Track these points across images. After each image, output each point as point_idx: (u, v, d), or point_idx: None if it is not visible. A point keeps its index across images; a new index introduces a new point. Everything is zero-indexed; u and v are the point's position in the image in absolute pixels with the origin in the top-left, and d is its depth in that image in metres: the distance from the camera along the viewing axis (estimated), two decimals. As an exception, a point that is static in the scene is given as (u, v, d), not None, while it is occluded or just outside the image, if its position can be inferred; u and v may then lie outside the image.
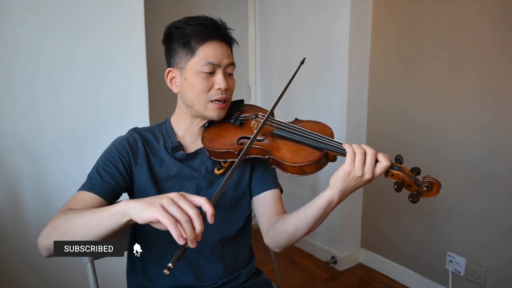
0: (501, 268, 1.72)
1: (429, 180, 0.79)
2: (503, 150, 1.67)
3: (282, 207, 1.05)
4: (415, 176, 0.81)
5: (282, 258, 2.44)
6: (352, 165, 0.80)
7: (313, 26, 2.29)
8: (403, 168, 0.82)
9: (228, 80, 0.98)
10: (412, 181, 0.80)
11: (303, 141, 0.90)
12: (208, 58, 0.94)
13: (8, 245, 1.47)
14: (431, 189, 0.78)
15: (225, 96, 0.97)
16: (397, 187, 0.79)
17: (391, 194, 2.14)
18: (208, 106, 0.97)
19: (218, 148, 0.96)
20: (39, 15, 1.44)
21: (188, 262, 0.98)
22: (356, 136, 2.24)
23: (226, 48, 0.98)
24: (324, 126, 0.96)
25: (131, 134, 1.01)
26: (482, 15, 1.68)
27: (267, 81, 2.72)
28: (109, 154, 0.96)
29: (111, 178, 0.92)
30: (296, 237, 0.92)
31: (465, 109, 1.78)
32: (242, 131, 0.99)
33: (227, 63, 0.97)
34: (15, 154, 1.45)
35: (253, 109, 1.08)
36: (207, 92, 0.96)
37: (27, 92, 1.45)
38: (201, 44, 0.94)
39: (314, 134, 0.90)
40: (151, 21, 1.85)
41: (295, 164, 0.86)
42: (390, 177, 0.83)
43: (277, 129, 0.94)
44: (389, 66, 2.10)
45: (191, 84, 0.96)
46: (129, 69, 1.65)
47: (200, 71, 0.94)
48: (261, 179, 1.06)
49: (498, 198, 1.70)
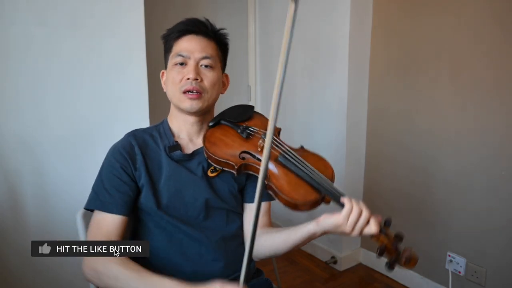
0: (501, 268, 1.72)
1: (409, 255, 0.83)
2: (503, 150, 1.67)
3: (269, 219, 1.09)
4: (397, 245, 0.85)
5: (282, 258, 2.43)
6: (345, 220, 0.83)
7: (313, 26, 2.29)
8: (389, 235, 0.86)
9: (202, 71, 0.99)
10: (394, 249, 0.85)
11: (304, 178, 0.88)
12: (180, 51, 0.98)
13: (8, 243, 1.47)
14: (408, 263, 0.83)
15: (196, 87, 0.97)
16: (379, 252, 0.84)
17: (390, 194, 2.14)
18: (181, 98, 0.98)
19: (218, 156, 0.95)
20: (40, 15, 1.44)
21: (189, 262, 0.98)
22: (356, 136, 2.24)
23: (203, 41, 0.99)
24: (327, 166, 0.95)
25: (126, 139, 1.01)
26: (482, 15, 1.68)
27: (267, 81, 2.72)
28: (110, 167, 0.96)
29: (119, 192, 0.94)
30: (276, 255, 0.98)
31: (465, 108, 1.78)
32: (246, 145, 0.97)
33: (200, 56, 0.98)
34: (16, 153, 1.45)
35: (263, 121, 1.07)
36: (179, 82, 0.98)
37: (29, 92, 1.46)
38: (177, 40, 0.99)
39: (317, 174, 0.89)
40: (151, 22, 1.85)
41: (291, 199, 0.85)
42: (375, 240, 0.87)
43: (282, 157, 0.93)
44: (389, 66, 2.10)
45: (168, 78, 1.01)
46: (129, 69, 1.65)
47: (173, 64, 0.98)
48: (255, 188, 1.06)
49: (498, 198, 1.70)
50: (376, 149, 2.24)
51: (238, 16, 2.69)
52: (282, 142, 0.98)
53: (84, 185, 1.56)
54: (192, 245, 0.98)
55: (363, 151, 2.30)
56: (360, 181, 2.33)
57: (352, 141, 2.23)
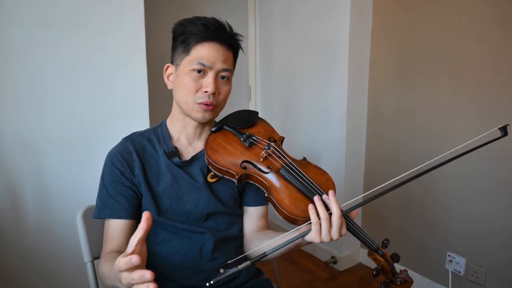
0: (501, 268, 1.72)
1: (404, 277, 0.86)
2: (503, 151, 1.67)
3: (266, 222, 1.09)
4: (393, 266, 0.88)
5: (282, 258, 2.43)
6: (318, 237, 0.81)
7: (313, 26, 2.29)
8: (386, 255, 0.88)
9: (220, 84, 0.95)
10: (390, 269, 0.87)
11: (306, 193, 0.87)
12: (200, 58, 0.92)
13: (8, 244, 1.47)
14: (403, 284, 0.85)
15: (212, 101, 0.94)
16: (376, 272, 0.86)
17: (390, 194, 2.14)
18: (195, 108, 0.95)
19: (219, 164, 0.93)
20: (40, 16, 1.44)
21: (189, 262, 0.98)
22: (355, 136, 2.24)
23: (224, 52, 0.94)
24: (329, 180, 0.93)
25: (123, 144, 0.99)
26: (483, 16, 1.68)
27: (267, 81, 2.72)
28: (110, 174, 0.95)
29: (125, 197, 0.94)
30: (267, 260, 0.97)
31: (465, 108, 1.78)
32: (248, 155, 0.95)
33: (221, 68, 0.93)
34: (16, 154, 1.45)
35: (266, 129, 1.05)
36: (195, 93, 0.93)
37: (29, 92, 1.45)
38: (197, 44, 0.92)
39: (319, 189, 0.88)
40: (151, 22, 1.86)
41: (291, 214, 0.84)
42: (373, 260, 0.89)
43: (284, 170, 0.91)
44: (389, 66, 2.10)
45: (181, 82, 0.94)
46: (129, 70, 1.65)
47: (191, 69, 0.92)
48: (254, 192, 1.06)
49: (498, 198, 1.70)
50: (376, 149, 2.24)
51: (238, 16, 2.69)
52: (285, 154, 0.96)
53: (85, 185, 1.57)
54: (192, 246, 0.98)
55: (363, 151, 2.30)
56: (360, 181, 2.33)
57: (352, 141, 2.23)
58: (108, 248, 0.92)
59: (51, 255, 1.55)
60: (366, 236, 0.89)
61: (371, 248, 0.90)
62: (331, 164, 2.26)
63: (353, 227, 0.87)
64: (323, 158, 2.33)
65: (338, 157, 2.24)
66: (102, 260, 0.89)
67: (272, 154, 0.94)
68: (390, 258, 0.88)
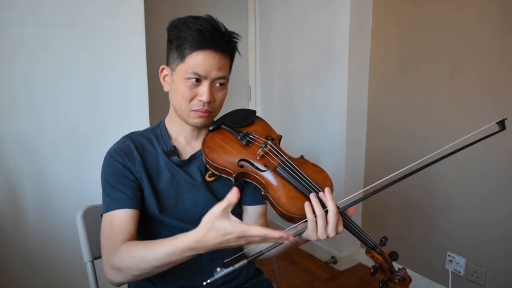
0: (501, 268, 1.72)
1: (403, 275, 0.86)
2: (503, 151, 1.67)
3: (265, 221, 1.09)
4: (391, 264, 0.87)
5: (282, 258, 2.44)
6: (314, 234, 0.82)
7: (313, 26, 2.29)
8: (384, 253, 0.88)
9: (215, 91, 0.95)
10: (388, 267, 0.87)
11: (303, 191, 0.87)
12: (195, 68, 0.90)
13: (8, 245, 1.47)
14: (401, 282, 0.85)
15: (208, 109, 0.94)
16: (373, 270, 0.86)
17: (390, 194, 2.14)
18: (190, 114, 0.95)
19: (216, 163, 0.93)
20: (40, 16, 1.44)
21: (189, 261, 0.98)
22: (355, 136, 2.24)
23: (220, 59, 0.92)
24: (326, 178, 0.92)
25: (123, 141, 0.99)
26: (482, 16, 1.68)
27: (267, 81, 2.72)
28: (112, 168, 0.95)
29: (128, 188, 0.93)
30: (264, 259, 0.97)
31: (465, 108, 1.78)
32: (245, 153, 0.95)
33: (216, 76, 0.92)
34: (16, 154, 1.45)
35: (264, 127, 1.05)
36: (189, 101, 0.93)
37: (28, 93, 1.45)
38: (192, 51, 0.90)
39: (316, 187, 0.88)
40: (151, 22, 1.85)
41: (287, 212, 0.84)
42: (371, 258, 0.89)
43: (281, 168, 0.91)
44: (389, 66, 2.10)
45: (177, 88, 0.94)
46: (129, 70, 1.65)
47: (185, 78, 0.91)
48: (253, 191, 1.06)
49: (498, 198, 1.70)
50: (376, 150, 2.24)
51: (238, 16, 2.69)
52: (282, 152, 0.96)
53: (84, 186, 1.57)
54: None
55: (363, 151, 2.30)
56: (360, 181, 2.33)
57: (352, 140, 2.23)
58: (120, 240, 0.88)
59: (50, 255, 1.55)
60: (363, 234, 0.89)
61: (369, 246, 0.89)
62: (331, 164, 2.26)
63: (350, 224, 0.87)
64: (323, 158, 2.33)
65: (338, 157, 2.23)
66: (118, 251, 0.84)
67: (269, 152, 0.94)
68: (388, 256, 0.88)
